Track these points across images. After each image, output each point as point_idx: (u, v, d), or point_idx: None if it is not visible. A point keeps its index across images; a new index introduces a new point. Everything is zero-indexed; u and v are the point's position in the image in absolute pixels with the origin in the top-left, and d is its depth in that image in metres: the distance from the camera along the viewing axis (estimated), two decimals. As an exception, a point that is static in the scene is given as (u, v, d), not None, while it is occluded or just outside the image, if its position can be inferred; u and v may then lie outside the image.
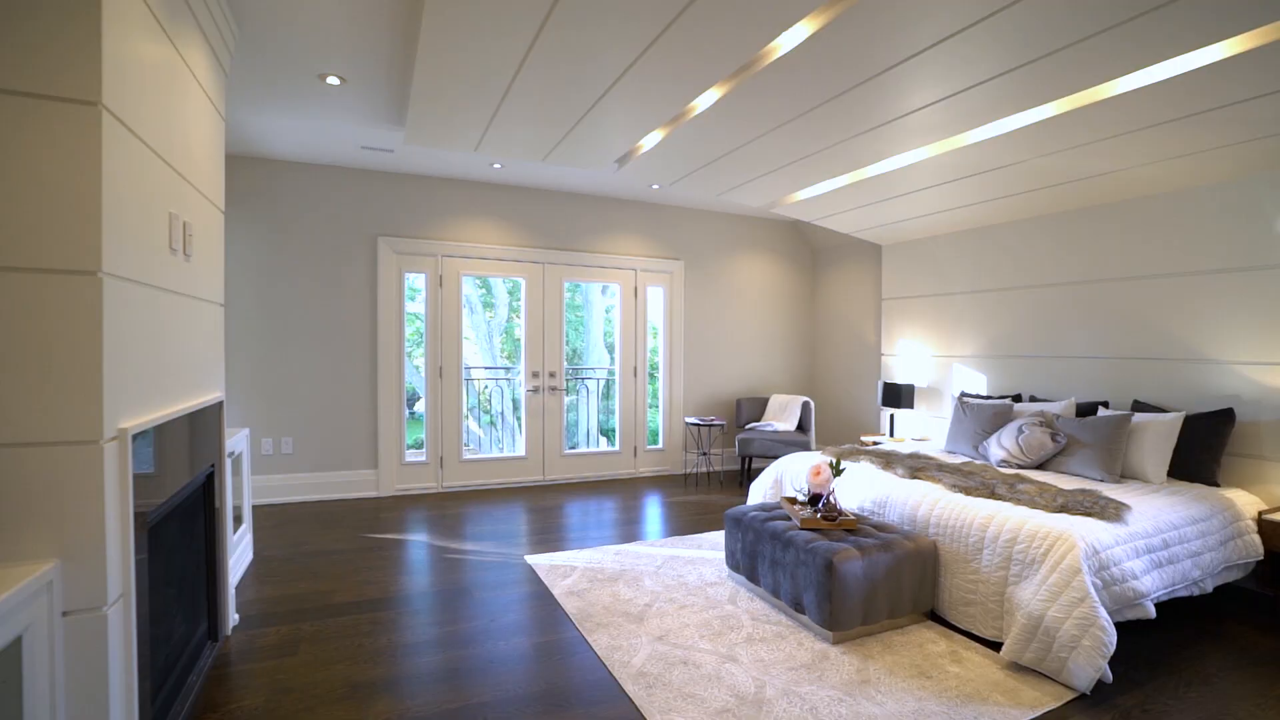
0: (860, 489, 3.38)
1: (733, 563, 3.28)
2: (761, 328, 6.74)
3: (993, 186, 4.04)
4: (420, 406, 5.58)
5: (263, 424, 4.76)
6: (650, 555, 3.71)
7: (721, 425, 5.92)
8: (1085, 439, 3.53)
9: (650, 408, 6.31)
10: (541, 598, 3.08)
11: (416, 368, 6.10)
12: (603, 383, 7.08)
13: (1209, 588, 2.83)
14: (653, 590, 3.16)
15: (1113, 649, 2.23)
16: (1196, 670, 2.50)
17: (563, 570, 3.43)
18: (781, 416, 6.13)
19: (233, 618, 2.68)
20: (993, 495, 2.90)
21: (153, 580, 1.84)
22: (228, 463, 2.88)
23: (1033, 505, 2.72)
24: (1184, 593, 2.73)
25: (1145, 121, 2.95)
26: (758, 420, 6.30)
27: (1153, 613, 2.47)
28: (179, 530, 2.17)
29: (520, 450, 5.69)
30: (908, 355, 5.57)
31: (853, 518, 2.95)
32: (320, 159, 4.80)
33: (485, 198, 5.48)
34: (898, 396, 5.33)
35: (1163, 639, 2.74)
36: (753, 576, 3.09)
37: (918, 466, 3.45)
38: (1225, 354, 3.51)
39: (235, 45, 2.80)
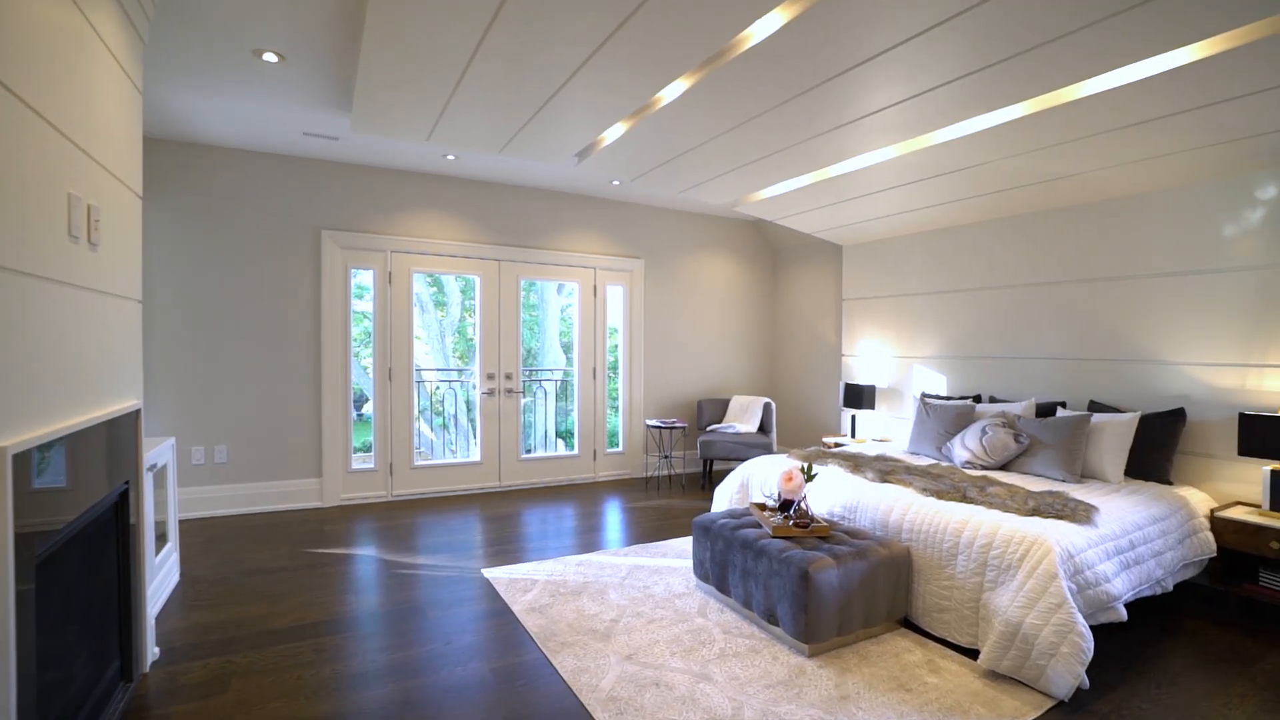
0: (830, 493, 3.31)
1: (701, 572, 3.16)
2: (722, 328, 6.67)
3: (953, 188, 4.05)
4: (369, 409, 5.28)
5: (193, 432, 4.39)
6: (614, 565, 3.56)
7: (683, 428, 5.82)
8: (1047, 440, 3.56)
9: (610, 410, 6.15)
10: (501, 616, 2.89)
11: (364, 368, 5.78)
12: (559, 384, 6.89)
13: (1170, 586, 2.86)
14: (619, 604, 3.01)
15: (1091, 655, 2.20)
16: (1163, 670, 2.50)
17: (523, 584, 3.25)
18: (743, 418, 6.08)
19: (152, 652, 2.40)
20: (964, 499, 2.87)
21: (46, 617, 1.59)
22: (148, 477, 2.59)
23: (1005, 509, 2.70)
24: (1148, 592, 2.75)
25: (1106, 126, 2.98)
26: (719, 422, 6.22)
27: (1124, 615, 2.46)
28: (83, 558, 1.90)
29: (475, 455, 5.45)
30: (868, 356, 5.59)
31: (826, 524, 2.87)
32: (258, 145, 4.46)
33: (438, 191, 5.22)
34: (859, 397, 5.33)
35: (1127, 639, 2.75)
36: (723, 587, 2.98)
37: (887, 469, 3.41)
38: (1176, 355, 3.60)
39: (155, 11, 2.52)
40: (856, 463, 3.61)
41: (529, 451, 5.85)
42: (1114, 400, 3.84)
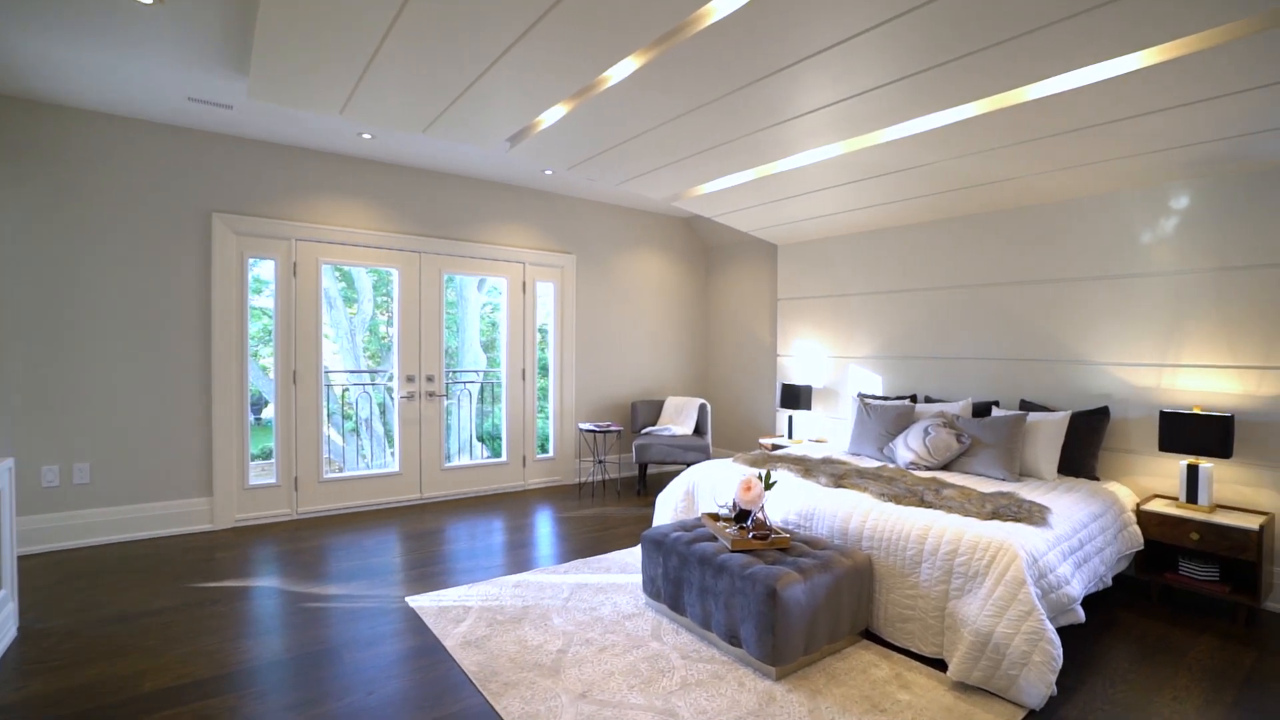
0: (784, 501, 3.19)
1: (652, 590, 2.94)
2: (656, 327, 6.50)
3: (891, 190, 4.06)
4: (269, 413, 4.70)
5: (44, 448, 3.70)
6: (555, 585, 3.27)
7: (618, 431, 5.59)
8: (987, 439, 3.60)
9: (539, 413, 5.83)
10: (432, 653, 2.55)
11: (264, 369, 5.17)
12: (479, 386, 6.49)
13: (1109, 581, 2.93)
14: (564, 630, 2.74)
15: (1061, 662, 2.16)
16: (1114, 667, 2.53)
17: (455, 613, 2.91)
18: (678, 420, 5.93)
19: (-21, 733, 1.90)
20: (922, 503, 2.81)
21: None
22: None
23: (965, 513, 2.65)
24: (1095, 589, 2.79)
25: (1041, 132, 3.05)
26: (654, 424, 6.05)
27: (1083, 616, 2.47)
28: None
29: (393, 465, 4.98)
30: (804, 356, 5.57)
31: (786, 535, 2.73)
32: (131, 109, 3.82)
33: (352, 174, 4.72)
34: (796, 398, 5.30)
35: (1073, 635, 2.77)
36: (677, 606, 2.78)
37: (839, 474, 3.32)
38: (1100, 356, 3.75)
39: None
40: (807, 467, 3.51)
41: (451, 459, 5.43)
42: (1043, 399, 3.96)
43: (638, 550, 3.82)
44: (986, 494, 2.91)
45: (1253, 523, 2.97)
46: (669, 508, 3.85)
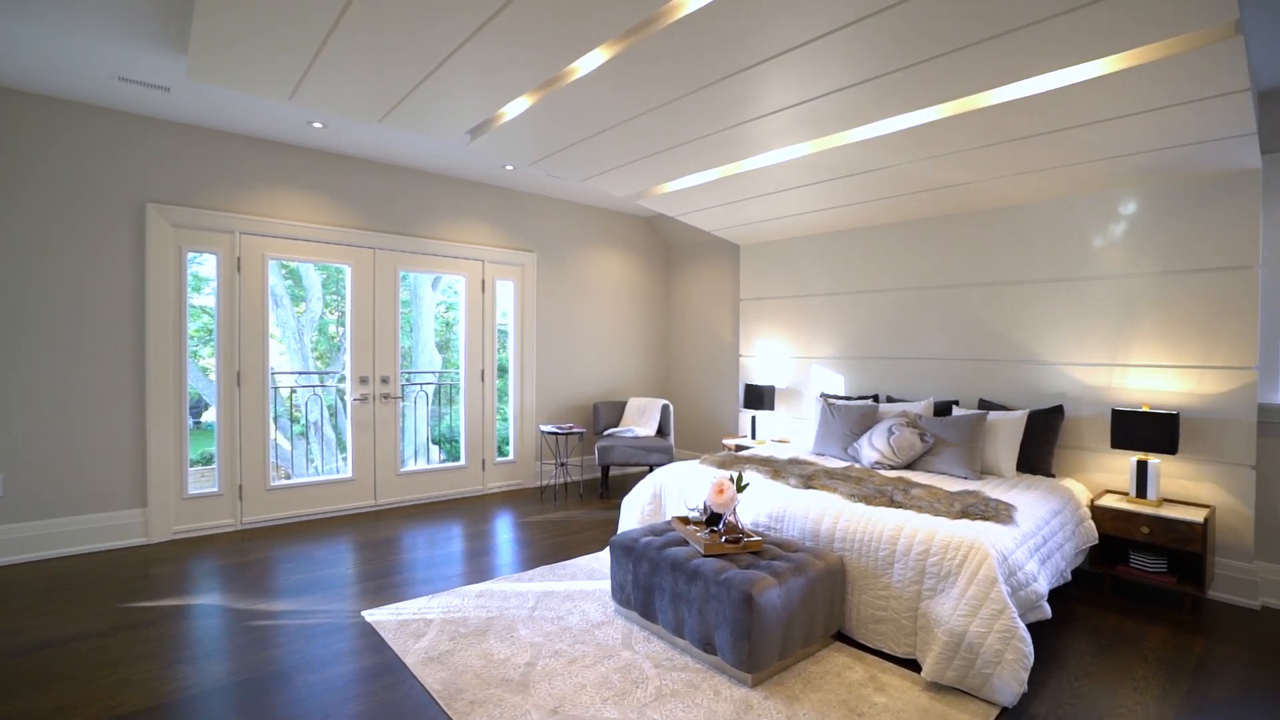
0: (754, 502, 3.16)
1: (621, 597, 2.87)
2: (618, 327, 6.42)
3: (854, 191, 4.09)
4: (210, 416, 4.42)
5: (-47, 457, 3.37)
6: (520, 594, 3.16)
7: (581, 433, 5.49)
8: (949, 438, 3.66)
9: (499, 416, 5.68)
10: (392, 672, 2.41)
11: (204, 370, 4.87)
12: (435, 388, 6.29)
13: (1069, 576, 3.00)
14: (532, 642, 2.63)
15: (1032, 659, 2.19)
16: (1076, 660, 2.58)
17: (415, 627, 2.76)
18: (641, 421, 5.87)
19: None
20: (892, 503, 2.82)
21: None
22: None
23: (935, 512, 2.67)
24: (1056, 584, 2.85)
25: (1001, 136, 3.12)
26: (616, 425, 5.97)
27: (1049, 613, 2.51)
28: None
29: (346, 471, 4.75)
30: (766, 356, 5.59)
31: (759, 538, 2.69)
32: (54, 88, 3.52)
33: (302, 165, 4.48)
34: (760, 398, 5.31)
35: (1036, 630, 2.82)
36: (648, 613, 2.71)
37: (808, 474, 3.32)
38: (1054, 356, 3.85)
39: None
40: (776, 468, 3.49)
41: (407, 464, 5.23)
42: (1001, 399, 4.05)
43: (604, 555, 3.74)
44: (954, 493, 2.94)
45: (1198, 515, 3.09)
46: (636, 511, 3.78)
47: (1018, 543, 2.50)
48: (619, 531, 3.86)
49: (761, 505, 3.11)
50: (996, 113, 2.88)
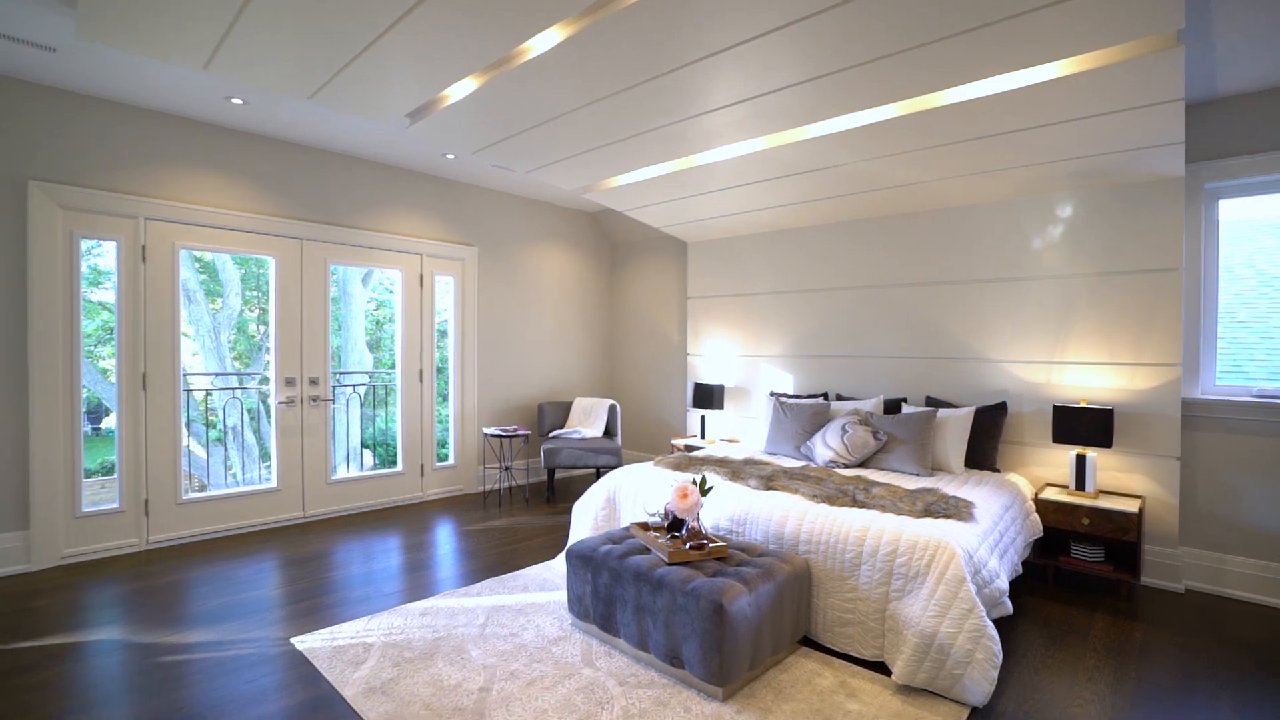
0: (715, 505, 3.07)
1: (579, 610, 2.71)
2: (563, 326, 6.23)
3: (802, 190, 4.09)
4: (111, 422, 3.96)
5: None
6: (468, 610, 2.95)
7: (526, 435, 5.27)
8: (901, 435, 3.69)
9: (438, 419, 5.39)
10: (327, 707, 2.16)
11: (104, 372, 4.37)
12: (367, 389, 5.93)
13: (1021, 569, 3.06)
14: (485, 664, 2.44)
15: (1001, 657, 2.18)
16: (1032, 653, 2.62)
17: (353, 653, 2.52)
18: (587, 421, 5.71)
19: None
20: (855, 503, 2.78)
21: None
22: None
23: (898, 511, 2.65)
24: (1011, 578, 2.89)
25: (949, 138, 3.18)
26: (561, 427, 5.79)
27: (1010, 609, 2.53)
28: None
29: (270, 480, 4.37)
30: (715, 355, 5.54)
31: (723, 543, 2.60)
32: (-94, 50, 3.03)
33: (220, 145, 4.07)
34: (709, 397, 5.25)
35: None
36: (609, 626, 2.57)
37: (767, 475, 3.26)
38: (997, 354, 3.96)
39: None
40: (734, 469, 3.42)
41: (338, 471, 4.87)
42: (947, 396, 4.14)
43: (555, 564, 3.56)
44: (913, 491, 2.95)
45: (1133, 506, 3.22)
46: (588, 517, 3.62)
47: (980, 540, 2.51)
48: (570, 538, 3.70)
49: (722, 508, 3.03)
50: (947, 114, 2.91)
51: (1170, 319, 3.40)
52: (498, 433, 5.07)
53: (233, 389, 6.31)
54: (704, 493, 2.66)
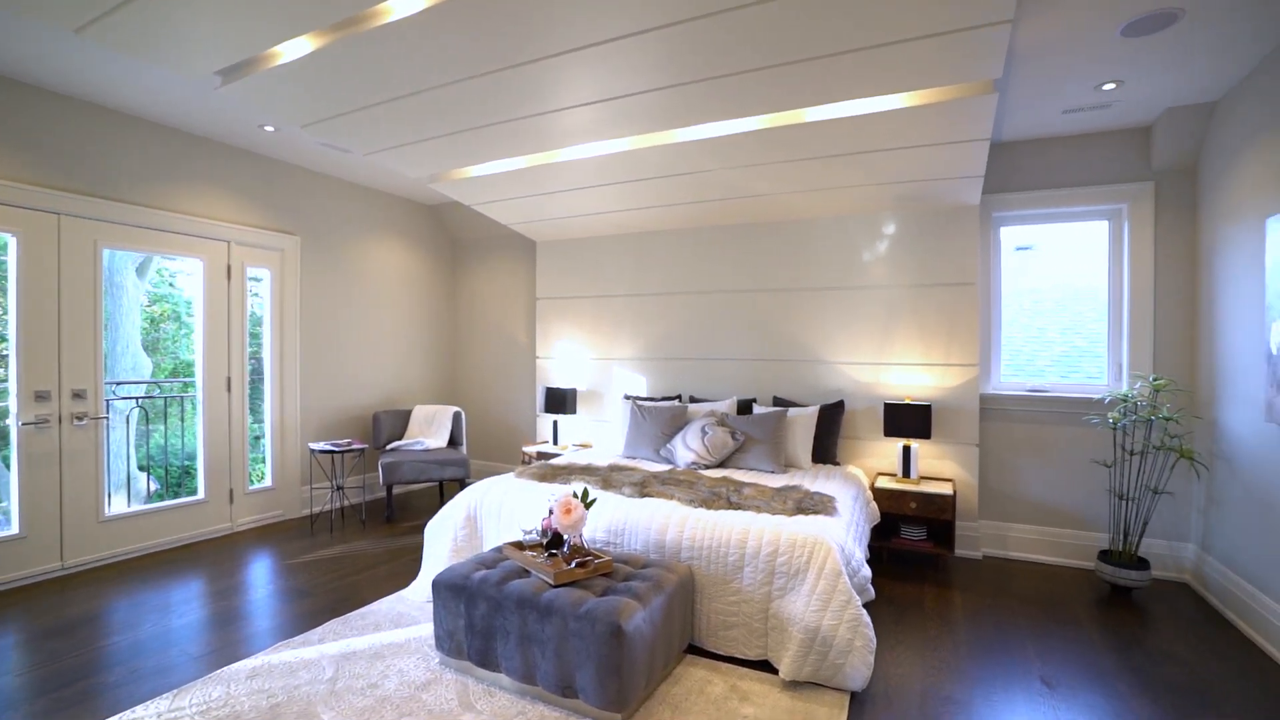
0: (592, 517, 2.94)
1: (450, 646, 2.43)
2: (399, 327, 5.69)
3: (657, 194, 4.14)
4: None
5: None
6: (310, 662, 2.51)
7: (362, 449, 4.71)
8: (756, 435, 3.87)
9: (252, 435, 4.61)
10: (127, 819, 1.67)
11: None
12: (149, 402, 4.92)
13: (867, 553, 3.34)
14: (342, 725, 2.08)
15: (876, 642, 2.33)
16: (886, 630, 2.85)
17: (158, 740, 2.00)
18: (429, 431, 5.27)
19: None
20: (730, 505, 2.83)
21: None
22: None
23: (773, 511, 2.74)
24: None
25: (795, 154, 3.42)
26: (400, 438, 5.27)
27: (874, 594, 2.73)
28: None
29: (9, 526, 3.39)
30: (565, 358, 5.41)
31: (607, 558, 2.49)
32: None
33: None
34: (561, 402, 5.11)
35: (847, 609, 3.09)
36: (487, 661, 2.33)
37: (639, 481, 3.21)
38: (835, 356, 4.32)
39: None
40: (603, 477, 3.32)
41: (111, 506, 3.93)
42: (793, 396, 4.43)
43: (408, 594, 3.20)
44: (779, 489, 3.08)
45: (947, 489, 3.70)
46: (446, 539, 3.30)
47: (846, 532, 2.68)
48: (425, 564, 3.35)
49: (599, 519, 2.91)
50: (805, 131, 3.10)
51: (969, 326, 3.95)
52: (328, 448, 4.46)
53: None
54: (587, 505, 2.52)
